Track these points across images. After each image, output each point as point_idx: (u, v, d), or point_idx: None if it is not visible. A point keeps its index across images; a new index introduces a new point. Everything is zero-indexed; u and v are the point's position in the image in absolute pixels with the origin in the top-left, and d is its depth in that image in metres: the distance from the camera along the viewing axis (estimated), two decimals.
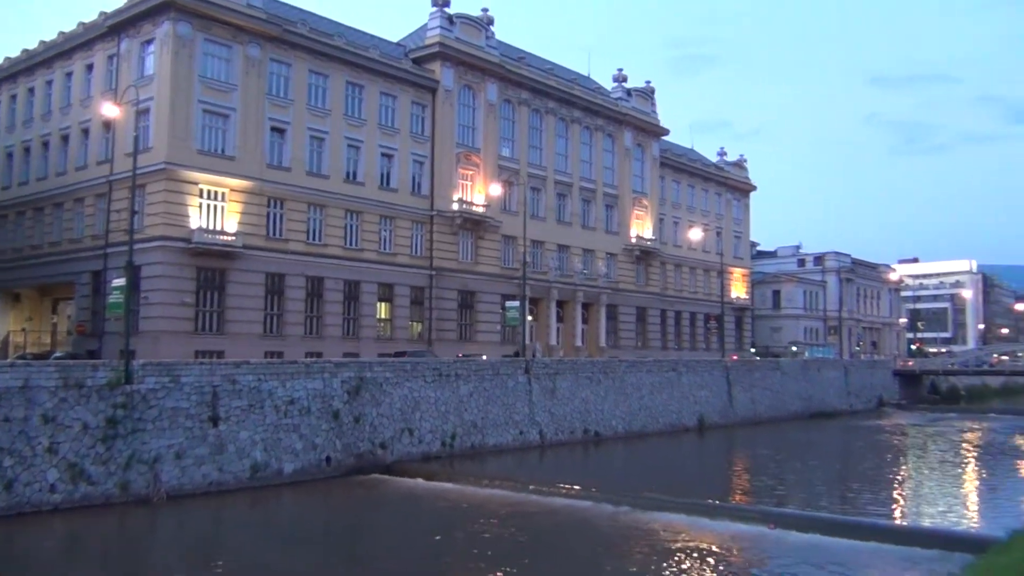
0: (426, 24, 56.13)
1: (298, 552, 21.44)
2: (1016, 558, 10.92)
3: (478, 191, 55.61)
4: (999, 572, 10.21)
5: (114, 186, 43.89)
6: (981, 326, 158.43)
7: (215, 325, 42.65)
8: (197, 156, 42.21)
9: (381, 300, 50.63)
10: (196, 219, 41.91)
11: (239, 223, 43.40)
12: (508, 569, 19.65)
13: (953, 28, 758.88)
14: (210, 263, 42.44)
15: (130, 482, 25.99)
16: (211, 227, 42.43)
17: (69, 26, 51.47)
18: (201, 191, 42.50)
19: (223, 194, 43.19)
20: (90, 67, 47.23)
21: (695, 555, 20.76)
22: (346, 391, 33.50)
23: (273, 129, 45.63)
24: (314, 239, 47.13)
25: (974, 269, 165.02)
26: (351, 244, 48.97)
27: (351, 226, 49.18)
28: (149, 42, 43.05)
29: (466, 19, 56.44)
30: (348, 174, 49.19)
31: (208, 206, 42.70)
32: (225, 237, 42.62)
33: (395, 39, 59.43)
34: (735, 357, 69.60)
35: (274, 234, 45.37)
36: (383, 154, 51.10)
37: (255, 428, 29.94)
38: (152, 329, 40.51)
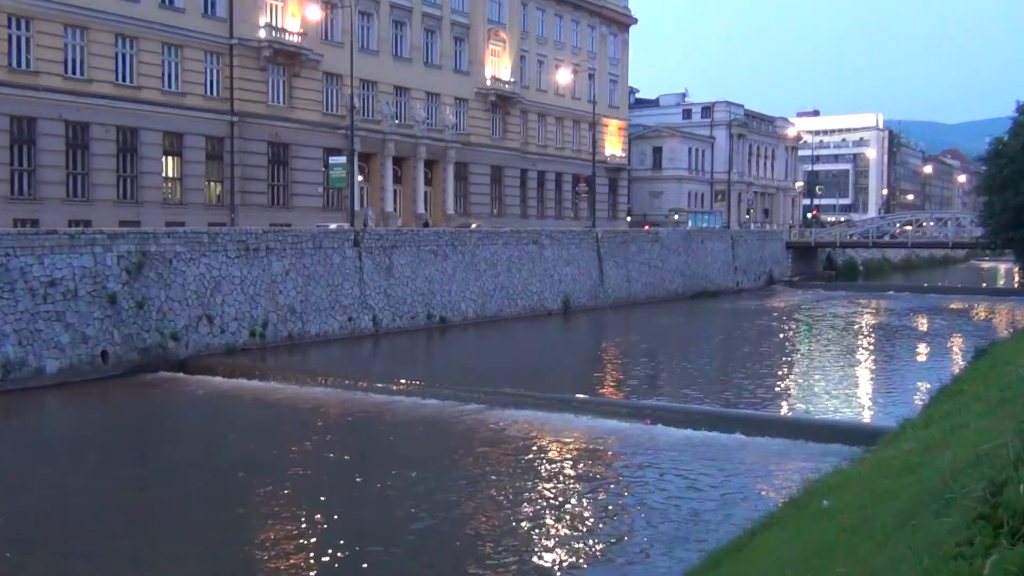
0: None
1: (64, 469, 21.00)
2: (905, 449, 12.00)
3: (292, 15, 53.36)
4: (885, 464, 11.24)
5: None
6: (885, 191, 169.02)
7: None
8: None
9: (168, 154, 48.53)
10: None
11: None
12: (322, 481, 20.00)
13: None
14: None
15: None
16: None
17: None
18: None
19: None
20: None
21: (558, 456, 21.79)
22: (124, 269, 32.35)
23: None
24: (74, 72, 44.16)
25: (880, 125, 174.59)
26: (125, 80, 46.23)
27: (124, 56, 46.30)
28: None
29: None
30: None
31: None
32: None
33: None
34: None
35: (18, 64, 42.18)
36: None
37: (4, 316, 28.63)
38: None
